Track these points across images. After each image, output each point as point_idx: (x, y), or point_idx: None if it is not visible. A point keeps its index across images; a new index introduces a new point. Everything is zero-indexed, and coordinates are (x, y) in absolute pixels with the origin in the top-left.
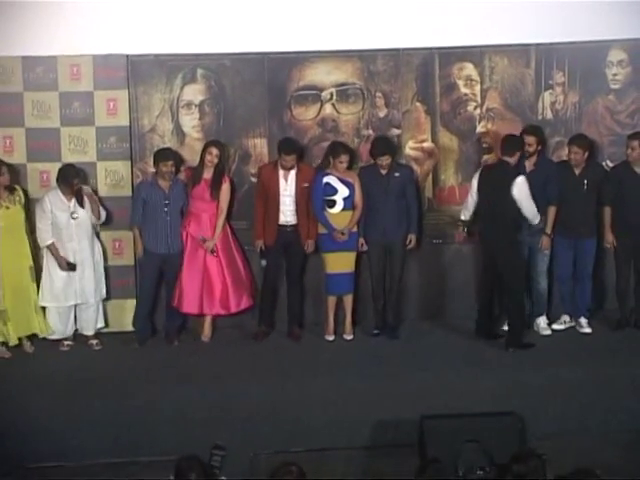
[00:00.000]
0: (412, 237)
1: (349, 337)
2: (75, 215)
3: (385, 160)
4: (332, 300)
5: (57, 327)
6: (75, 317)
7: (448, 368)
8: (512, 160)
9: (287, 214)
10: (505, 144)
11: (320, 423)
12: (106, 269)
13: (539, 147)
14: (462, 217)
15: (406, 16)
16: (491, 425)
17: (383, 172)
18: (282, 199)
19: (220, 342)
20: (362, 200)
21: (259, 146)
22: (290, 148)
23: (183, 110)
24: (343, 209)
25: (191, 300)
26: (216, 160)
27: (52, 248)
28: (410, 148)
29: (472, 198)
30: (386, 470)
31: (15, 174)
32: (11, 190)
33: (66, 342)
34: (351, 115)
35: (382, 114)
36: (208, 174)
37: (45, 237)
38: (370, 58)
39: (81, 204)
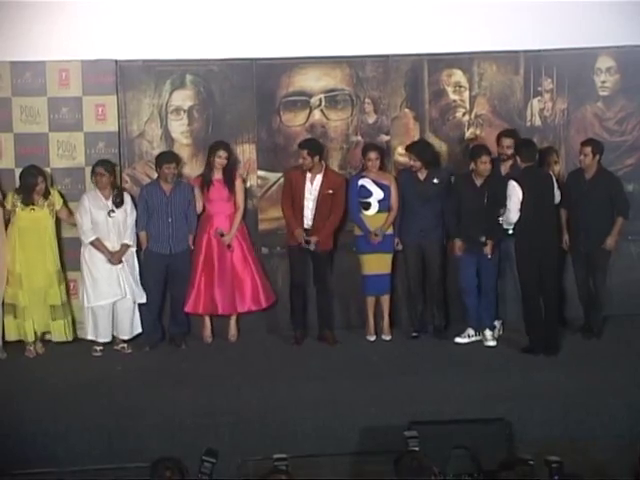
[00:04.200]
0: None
1: (387, 337)
2: (112, 214)
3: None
4: (371, 301)
5: (95, 329)
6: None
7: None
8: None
9: (309, 218)
10: (527, 149)
11: (309, 428)
12: None
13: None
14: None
15: (395, 22)
16: (479, 431)
17: (420, 175)
18: (306, 203)
19: (222, 344)
20: (398, 202)
21: (248, 152)
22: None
23: (172, 116)
24: (378, 211)
25: (223, 301)
26: (225, 162)
27: (96, 243)
28: (399, 154)
29: (516, 205)
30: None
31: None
32: (45, 195)
33: (98, 347)
34: (340, 121)
35: (371, 120)
36: (218, 175)
37: (88, 234)
38: (359, 64)
39: (118, 203)
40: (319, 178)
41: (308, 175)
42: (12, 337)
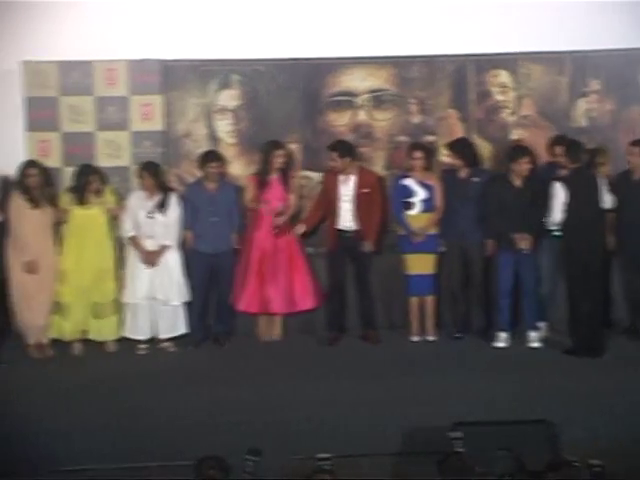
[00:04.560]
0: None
1: (431, 337)
2: (150, 215)
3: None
4: (414, 301)
5: (134, 326)
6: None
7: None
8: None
9: (347, 219)
10: (573, 150)
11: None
12: None
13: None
14: (554, 223)
15: (441, 23)
16: (523, 433)
17: (462, 175)
18: (342, 204)
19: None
20: (442, 203)
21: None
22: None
23: (217, 115)
24: (421, 211)
25: (277, 300)
26: (283, 161)
27: (133, 240)
28: (444, 155)
29: (559, 206)
30: (418, 477)
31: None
32: (99, 193)
33: (142, 345)
34: (385, 121)
35: (416, 120)
36: (275, 174)
37: (127, 229)
38: (404, 65)
39: (161, 207)
40: (353, 178)
41: (341, 177)
42: (67, 336)
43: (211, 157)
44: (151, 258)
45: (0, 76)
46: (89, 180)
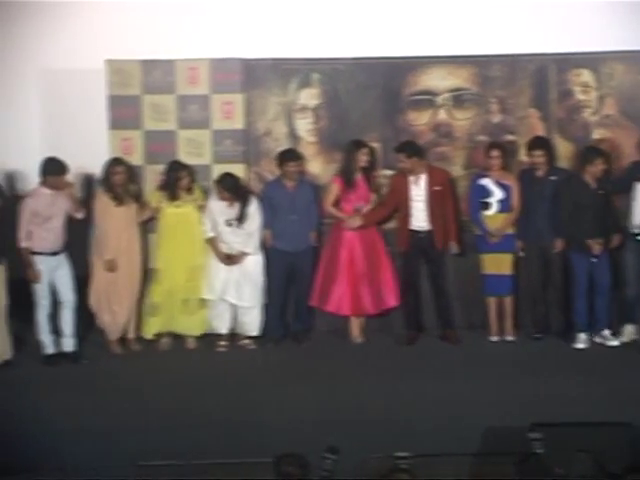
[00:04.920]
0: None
1: (509, 338)
2: (229, 223)
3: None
4: (492, 301)
5: (213, 322)
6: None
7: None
8: None
9: (420, 219)
10: None
11: (430, 427)
12: None
13: None
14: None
15: (522, 22)
16: (603, 435)
17: (539, 174)
18: (414, 204)
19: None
20: (520, 203)
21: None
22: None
23: (298, 114)
24: (498, 211)
25: (368, 300)
26: (368, 160)
27: (211, 242)
28: (525, 155)
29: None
30: (496, 478)
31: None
32: (189, 190)
33: (222, 342)
34: (465, 120)
35: (496, 120)
36: (359, 174)
37: (207, 230)
38: (485, 64)
39: (242, 217)
40: (423, 177)
41: (411, 177)
42: (151, 333)
43: (290, 156)
44: (230, 261)
45: (85, 75)
46: (179, 176)
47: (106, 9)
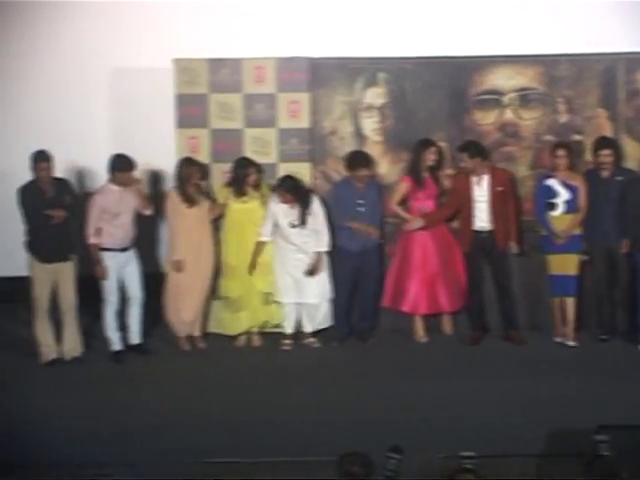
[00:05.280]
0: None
1: (571, 343)
2: (293, 224)
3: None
4: (557, 302)
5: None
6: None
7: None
8: None
9: (482, 220)
10: None
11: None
12: None
13: None
14: None
15: (590, 21)
16: None
17: (605, 175)
18: (477, 205)
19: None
20: (586, 204)
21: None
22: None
23: (364, 113)
24: (565, 212)
25: (446, 298)
26: (435, 158)
27: (258, 246)
28: (594, 155)
29: None
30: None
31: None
32: (257, 187)
33: (287, 341)
34: (531, 120)
35: (563, 120)
36: (427, 173)
37: (263, 234)
38: (552, 63)
39: (302, 221)
40: (486, 178)
41: (474, 178)
42: (231, 331)
43: (360, 163)
44: (314, 268)
45: (153, 74)
46: (247, 173)
47: (174, 8)
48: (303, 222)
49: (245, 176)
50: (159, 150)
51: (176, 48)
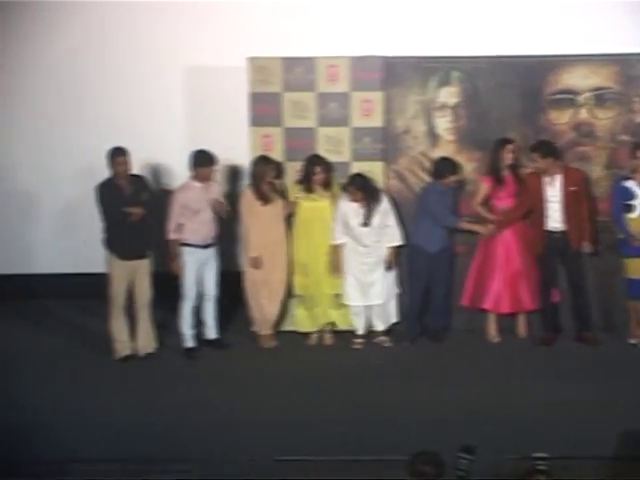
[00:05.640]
0: None
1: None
2: (363, 223)
3: None
4: (633, 305)
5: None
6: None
7: None
8: None
9: (555, 220)
10: None
11: (566, 429)
12: None
13: None
14: None
15: None
16: None
17: None
18: (550, 205)
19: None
20: None
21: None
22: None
23: (437, 112)
24: None
25: (529, 297)
26: (512, 156)
27: (334, 249)
28: None
29: None
30: None
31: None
32: (327, 186)
33: (357, 340)
34: (607, 120)
35: (639, 119)
36: (507, 171)
37: (335, 236)
38: (629, 62)
39: (371, 214)
40: (558, 178)
41: (546, 178)
42: (305, 328)
43: (450, 170)
44: (389, 262)
45: (228, 72)
46: (314, 170)
47: (248, 8)
48: (371, 221)
49: (314, 174)
50: (233, 148)
51: (251, 47)
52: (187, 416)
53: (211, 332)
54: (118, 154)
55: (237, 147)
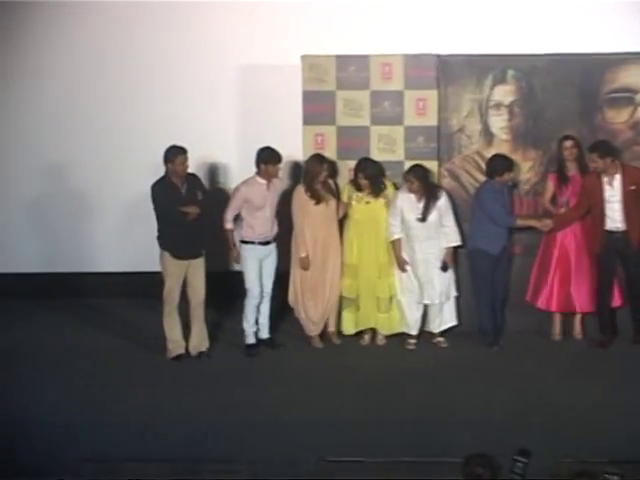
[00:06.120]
0: None
1: None
2: (420, 218)
3: None
4: None
5: (406, 320)
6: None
7: None
8: None
9: (615, 220)
10: None
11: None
12: None
13: None
14: None
15: None
16: None
17: None
18: (609, 205)
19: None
20: None
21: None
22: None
23: (492, 111)
24: None
25: (581, 298)
26: (575, 153)
27: (395, 244)
28: None
29: None
30: None
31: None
32: (374, 190)
33: (412, 341)
34: None
35: None
36: (572, 169)
37: (392, 232)
38: None
39: (426, 213)
40: (618, 177)
41: (605, 178)
42: (351, 330)
43: (506, 167)
44: (448, 260)
45: (281, 70)
46: (359, 177)
47: (302, 5)
48: (427, 217)
49: (358, 178)
50: (286, 147)
51: (304, 45)
52: (238, 416)
53: (264, 331)
54: (179, 153)
55: (290, 146)
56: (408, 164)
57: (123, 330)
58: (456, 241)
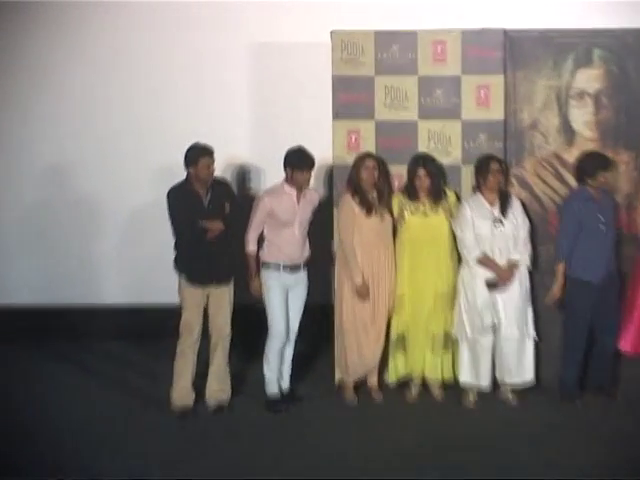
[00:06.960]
0: None
1: None
2: (499, 225)
3: None
4: None
5: (471, 369)
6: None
7: None
8: None
9: None
10: None
11: None
12: None
13: None
14: None
15: None
16: None
17: None
18: None
19: None
20: None
21: None
22: None
23: (574, 101)
24: None
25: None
26: None
27: (483, 260)
28: None
29: None
30: None
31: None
32: (435, 195)
33: (472, 396)
34: None
35: None
36: None
37: (471, 250)
38: None
39: (505, 211)
40: None
41: None
42: (394, 378)
43: (602, 164)
44: (505, 277)
45: (308, 50)
46: (419, 174)
47: None
48: (505, 222)
49: (418, 179)
50: (312, 146)
51: (335, 18)
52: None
53: (285, 381)
54: (203, 154)
55: (316, 145)
56: (466, 169)
57: (123, 377)
58: (522, 258)
